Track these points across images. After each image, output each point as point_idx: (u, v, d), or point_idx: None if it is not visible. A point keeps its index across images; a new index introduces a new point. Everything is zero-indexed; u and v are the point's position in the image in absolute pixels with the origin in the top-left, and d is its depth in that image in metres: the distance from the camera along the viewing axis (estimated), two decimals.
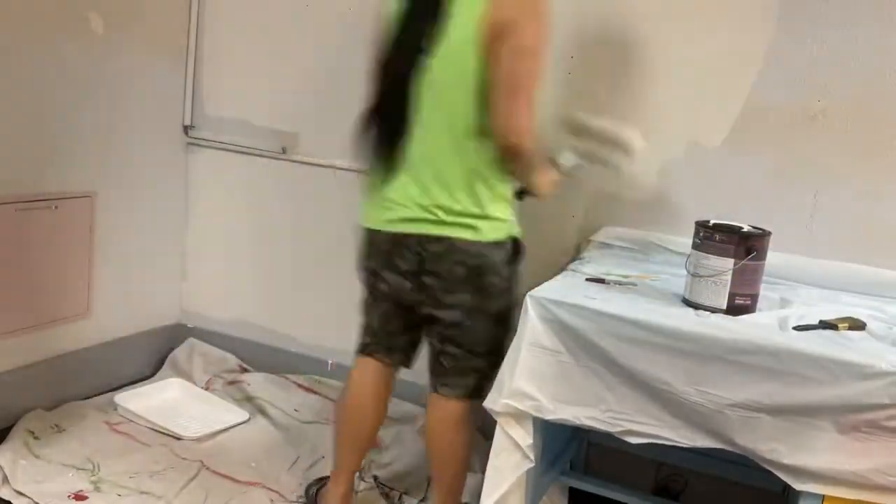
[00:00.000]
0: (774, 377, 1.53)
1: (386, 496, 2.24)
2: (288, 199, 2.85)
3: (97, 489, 2.13)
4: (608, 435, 1.71)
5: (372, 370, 2.06)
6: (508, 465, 1.78)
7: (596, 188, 2.30)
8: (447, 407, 1.97)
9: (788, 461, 1.54)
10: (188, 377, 2.84)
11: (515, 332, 1.76)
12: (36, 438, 2.32)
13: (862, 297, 2.01)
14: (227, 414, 2.62)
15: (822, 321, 1.67)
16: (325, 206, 2.79)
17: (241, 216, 2.92)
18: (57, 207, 2.48)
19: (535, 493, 1.87)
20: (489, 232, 1.85)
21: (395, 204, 1.88)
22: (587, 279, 1.92)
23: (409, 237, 1.87)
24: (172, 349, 2.96)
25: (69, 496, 2.08)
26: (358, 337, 2.09)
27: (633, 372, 1.65)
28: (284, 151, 2.82)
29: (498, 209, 1.87)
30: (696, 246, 1.77)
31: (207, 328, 3.03)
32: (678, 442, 1.65)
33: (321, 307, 2.85)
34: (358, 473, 2.30)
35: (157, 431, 2.48)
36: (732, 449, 1.60)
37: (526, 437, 1.77)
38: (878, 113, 2.06)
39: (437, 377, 1.98)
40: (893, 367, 1.45)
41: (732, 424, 1.57)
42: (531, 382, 1.72)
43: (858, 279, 2.06)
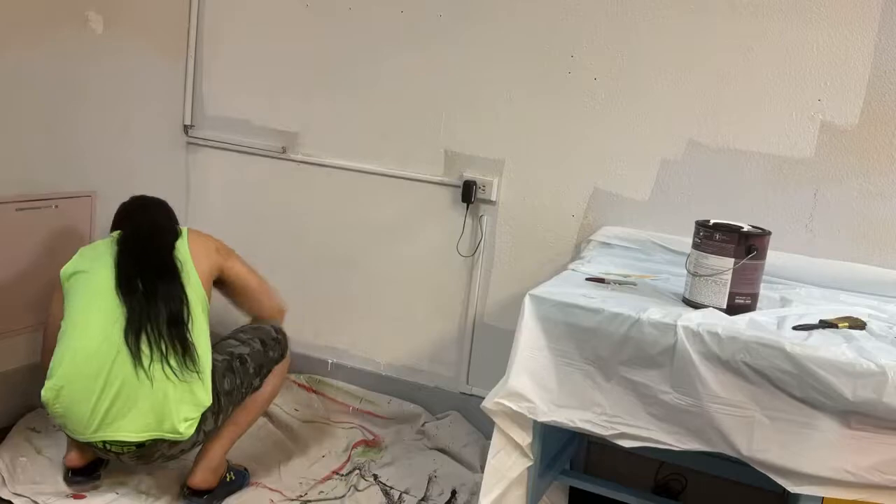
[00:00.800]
0: (770, 377, 1.53)
1: (385, 495, 2.24)
2: (288, 199, 2.85)
3: (95, 488, 2.13)
4: None
5: None
6: (507, 464, 1.78)
7: None
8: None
9: (782, 463, 1.53)
10: None
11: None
12: (37, 432, 2.34)
13: (862, 296, 2.01)
14: None
15: (821, 320, 1.67)
16: (324, 205, 2.79)
17: (240, 216, 2.92)
18: (57, 207, 2.48)
19: (534, 492, 1.87)
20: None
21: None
22: (587, 279, 1.92)
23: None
24: None
25: (68, 496, 2.08)
26: None
27: (628, 373, 1.65)
28: (284, 151, 2.82)
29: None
30: (696, 245, 1.77)
31: None
32: (672, 445, 1.64)
33: (321, 307, 2.85)
34: (358, 472, 2.33)
35: None
36: (727, 452, 1.60)
37: (525, 436, 1.77)
38: (878, 113, 2.06)
39: None
40: (888, 365, 1.45)
41: (726, 426, 1.57)
42: (527, 383, 1.72)
43: (858, 278, 2.05)
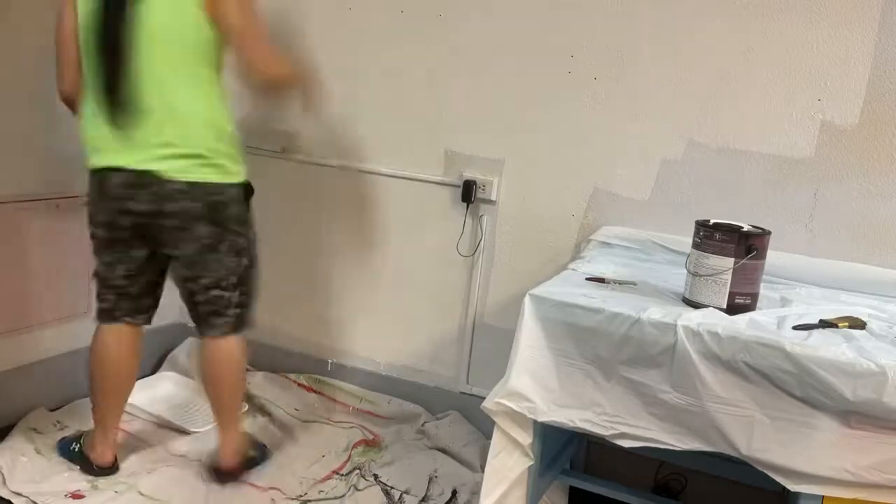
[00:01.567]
0: (770, 377, 1.53)
1: (386, 495, 2.24)
2: (288, 198, 2.85)
3: (94, 487, 2.13)
4: None
5: (126, 338, 2.15)
6: (507, 464, 1.78)
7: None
8: (221, 347, 2.13)
9: (782, 462, 1.53)
10: (188, 376, 2.83)
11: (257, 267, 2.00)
12: (39, 433, 2.34)
13: (862, 296, 2.01)
14: None
15: (822, 320, 1.67)
16: (324, 205, 2.79)
17: None
18: (58, 206, 2.48)
19: (535, 492, 1.87)
20: (227, 176, 2.00)
21: (128, 145, 1.93)
22: (587, 278, 1.92)
23: (144, 175, 1.92)
24: (172, 348, 2.95)
25: (66, 495, 2.09)
26: (97, 301, 2.13)
27: (629, 373, 1.65)
28: (284, 151, 2.82)
29: (231, 153, 2.00)
30: (696, 245, 1.77)
31: None
32: (672, 445, 1.64)
33: (321, 307, 2.85)
34: (358, 472, 2.32)
35: (160, 427, 2.49)
36: (727, 452, 1.60)
37: (525, 435, 1.77)
38: (878, 112, 2.06)
39: (200, 325, 2.13)
40: (888, 365, 1.45)
41: (726, 426, 1.57)
42: (528, 383, 1.72)
43: (858, 278, 2.05)
